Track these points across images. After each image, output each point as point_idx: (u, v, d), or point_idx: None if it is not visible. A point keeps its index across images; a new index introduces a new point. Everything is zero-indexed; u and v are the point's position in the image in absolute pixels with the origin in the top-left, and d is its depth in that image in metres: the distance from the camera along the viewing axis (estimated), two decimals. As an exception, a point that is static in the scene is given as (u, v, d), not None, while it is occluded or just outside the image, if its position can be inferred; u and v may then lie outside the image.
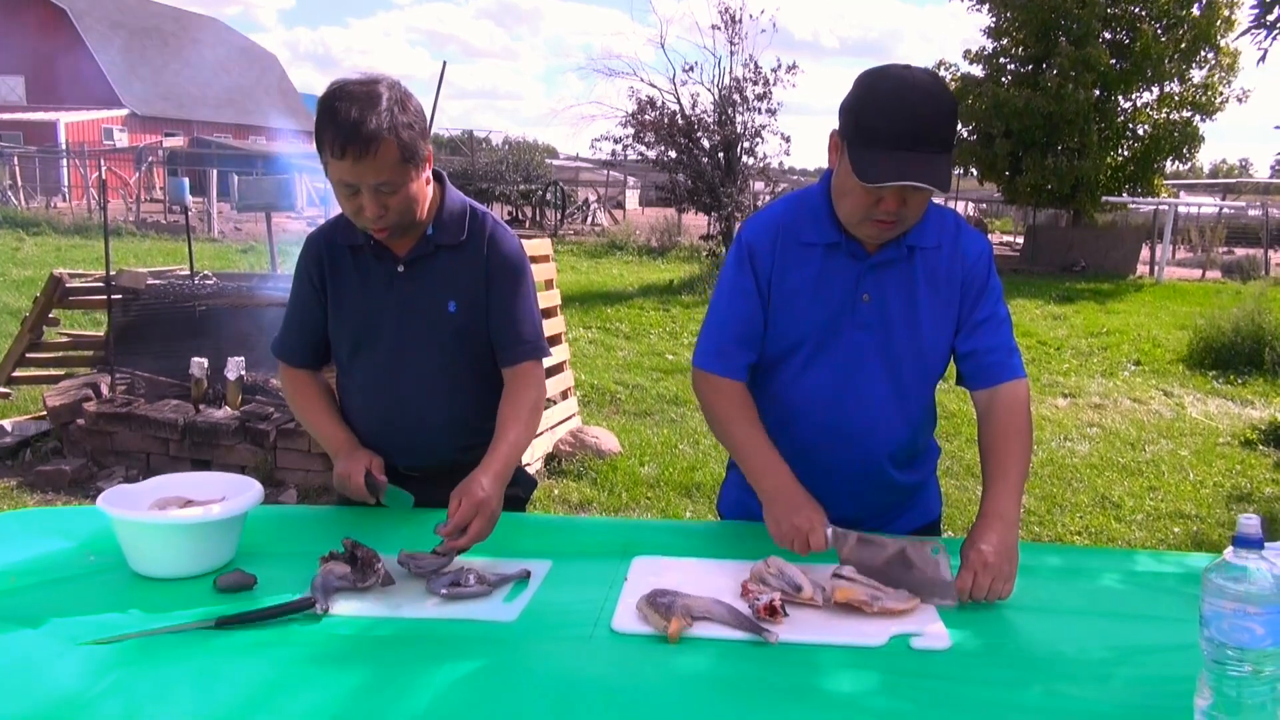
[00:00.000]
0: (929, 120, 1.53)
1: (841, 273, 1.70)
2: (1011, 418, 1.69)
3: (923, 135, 1.52)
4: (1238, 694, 1.09)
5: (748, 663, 1.30)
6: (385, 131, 1.61)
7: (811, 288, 1.71)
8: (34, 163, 23.28)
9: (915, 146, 1.52)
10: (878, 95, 1.56)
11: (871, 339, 1.71)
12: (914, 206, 1.60)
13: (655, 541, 1.74)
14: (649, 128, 14.23)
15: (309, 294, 1.88)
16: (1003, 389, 1.72)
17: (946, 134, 1.56)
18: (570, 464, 5.10)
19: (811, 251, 1.71)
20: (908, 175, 1.52)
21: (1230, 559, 1.11)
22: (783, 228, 1.73)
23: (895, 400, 1.74)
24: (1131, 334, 10.33)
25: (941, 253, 1.72)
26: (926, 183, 1.52)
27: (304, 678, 1.24)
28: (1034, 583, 1.61)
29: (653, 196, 26.90)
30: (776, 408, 1.77)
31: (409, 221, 1.75)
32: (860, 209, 1.60)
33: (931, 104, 1.54)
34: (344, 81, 1.66)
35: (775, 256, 1.72)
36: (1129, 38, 17.72)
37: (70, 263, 11.73)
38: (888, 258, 1.69)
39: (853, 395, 1.73)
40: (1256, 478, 5.51)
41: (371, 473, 1.77)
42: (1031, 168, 17.83)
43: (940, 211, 1.76)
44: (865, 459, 1.76)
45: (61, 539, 1.68)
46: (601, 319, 9.90)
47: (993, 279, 1.76)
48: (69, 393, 5.04)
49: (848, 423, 1.73)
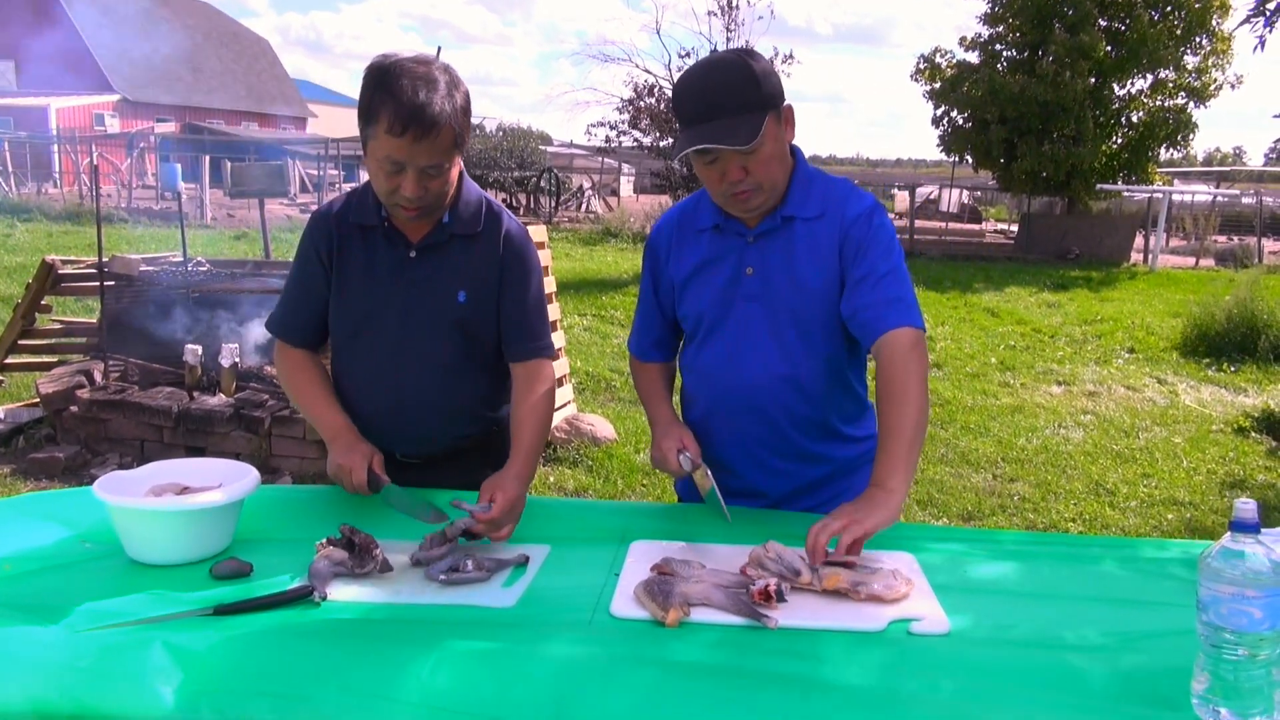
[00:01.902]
0: (717, 90, 1.62)
1: (727, 250, 1.79)
2: (893, 372, 1.61)
3: (715, 104, 1.61)
4: (1234, 678, 1.10)
5: (746, 647, 1.30)
6: (447, 116, 1.63)
7: (703, 269, 1.81)
8: (24, 148, 23.10)
9: (706, 116, 1.61)
10: (681, 84, 1.69)
11: (758, 310, 1.77)
12: (759, 169, 1.66)
13: (653, 527, 1.74)
14: (645, 114, 14.20)
15: (315, 271, 1.85)
16: (883, 342, 1.64)
17: (734, 98, 1.63)
18: (566, 451, 5.11)
19: (701, 236, 1.81)
20: (699, 141, 1.61)
21: (1228, 544, 1.11)
22: (677, 221, 1.86)
23: (786, 367, 1.77)
24: (1125, 322, 10.35)
25: (823, 220, 1.75)
26: (718, 143, 1.60)
27: (303, 664, 1.24)
28: (1034, 569, 1.62)
29: (647, 184, 26.82)
30: (687, 383, 1.91)
31: (439, 205, 1.76)
32: (714, 186, 1.70)
33: (720, 74, 1.65)
34: (398, 58, 1.66)
35: (671, 247, 1.85)
36: (1125, 24, 17.68)
37: (62, 249, 11.67)
38: (766, 228, 1.76)
39: (742, 364, 1.79)
40: (1249, 465, 5.54)
41: (374, 470, 1.74)
42: (1026, 155, 17.81)
43: (829, 182, 1.79)
44: (765, 427, 1.81)
45: (57, 525, 1.68)
46: (596, 306, 9.88)
47: (874, 236, 1.71)
48: (62, 380, 5.02)
49: (740, 391, 1.80)
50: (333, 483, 1.83)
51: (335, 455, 1.76)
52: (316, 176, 21.10)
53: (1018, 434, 5.99)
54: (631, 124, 14.48)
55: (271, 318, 1.94)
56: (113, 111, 31.81)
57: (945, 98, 19.28)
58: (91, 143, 23.20)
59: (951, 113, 19.44)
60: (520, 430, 1.78)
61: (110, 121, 31.22)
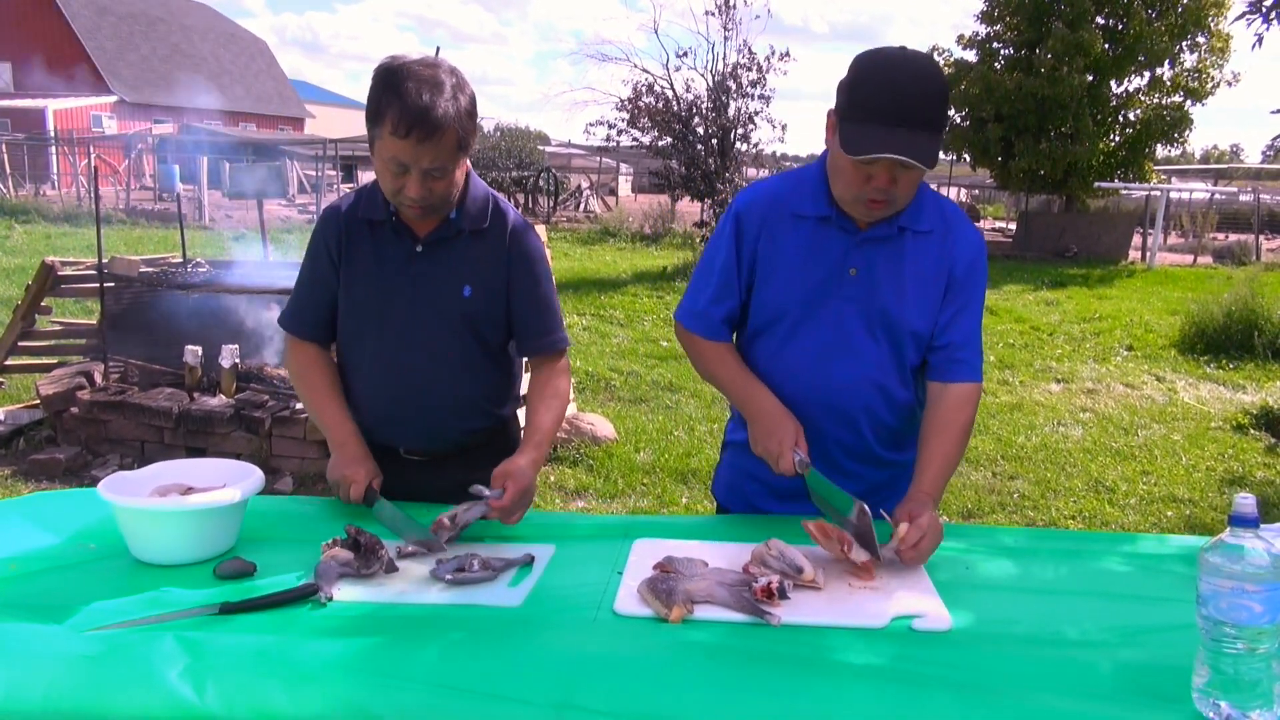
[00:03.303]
0: (916, 98, 1.56)
1: (831, 245, 1.73)
2: (960, 414, 1.73)
3: (910, 112, 1.55)
4: (1234, 671, 1.11)
5: (750, 644, 1.31)
6: (452, 119, 1.64)
7: (800, 258, 1.74)
8: (22, 150, 23.07)
9: (902, 123, 1.54)
10: (870, 72, 1.59)
11: (856, 311, 1.73)
12: (905, 185, 1.62)
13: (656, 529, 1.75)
14: (645, 113, 14.20)
15: (325, 266, 1.87)
16: (959, 386, 1.75)
17: (935, 114, 1.59)
18: (566, 451, 5.11)
19: (802, 223, 1.74)
20: (891, 148, 1.54)
21: (1227, 538, 1.12)
22: (776, 199, 1.77)
23: (878, 374, 1.76)
24: (1124, 319, 10.37)
25: (933, 238, 1.73)
26: (910, 157, 1.54)
27: (309, 664, 1.24)
28: (1034, 565, 1.63)
29: (646, 183, 26.82)
30: (762, 376, 1.80)
31: (445, 204, 1.77)
32: (853, 186, 1.63)
33: (921, 84, 1.57)
34: (406, 60, 1.67)
35: (764, 226, 1.75)
36: (1122, 22, 17.70)
37: (61, 251, 11.66)
38: (878, 234, 1.72)
39: (836, 365, 1.75)
40: (1248, 461, 5.55)
41: (372, 488, 1.74)
42: (1024, 153, 17.82)
43: (940, 200, 1.78)
44: (849, 431, 1.79)
45: (61, 526, 1.68)
46: (596, 306, 9.89)
47: (980, 276, 1.77)
48: (62, 381, 5.02)
49: (831, 393, 1.76)
50: (331, 488, 1.82)
51: (339, 464, 1.77)
52: (314, 177, 21.10)
53: (1017, 432, 6.00)
54: (630, 123, 14.47)
55: (283, 313, 1.95)
56: (110, 113, 31.77)
57: (942, 96, 19.28)
58: (89, 144, 23.18)
59: (948, 111, 19.47)
60: (534, 417, 1.80)
61: (108, 123, 31.18)
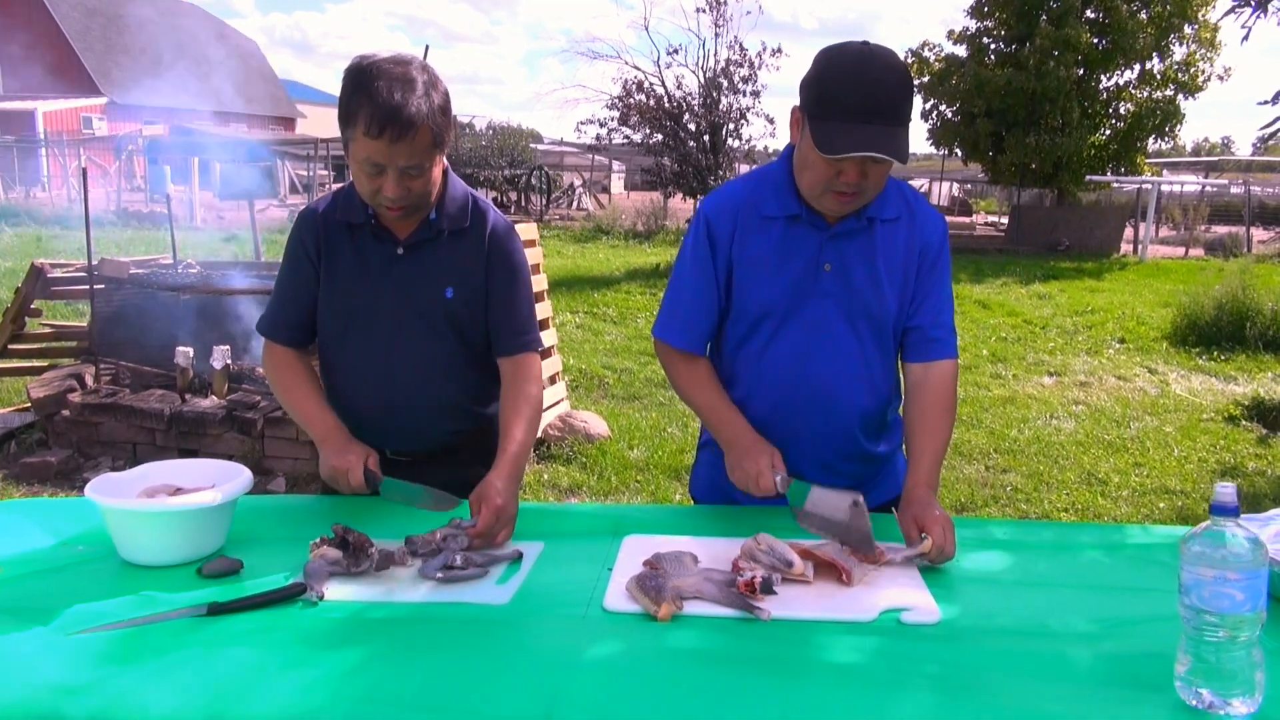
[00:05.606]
0: (887, 93, 1.57)
1: (803, 243, 1.74)
2: (942, 395, 1.78)
3: (881, 107, 1.55)
4: (1216, 659, 1.12)
5: (739, 639, 1.31)
6: (424, 116, 1.63)
7: (774, 259, 1.74)
8: (11, 152, 22.97)
9: (873, 119, 1.55)
10: (837, 69, 1.59)
11: (835, 306, 1.75)
12: (874, 178, 1.63)
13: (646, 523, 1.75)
14: (636, 110, 14.21)
15: (304, 269, 1.85)
16: (938, 365, 1.79)
17: (903, 107, 1.59)
18: (559, 448, 5.11)
19: (772, 224, 1.74)
20: (866, 146, 1.55)
21: (1209, 527, 1.13)
22: (744, 202, 1.77)
23: (861, 367, 1.78)
24: (1116, 312, 10.40)
25: (900, 224, 1.76)
26: (885, 154, 1.55)
27: (298, 663, 1.24)
28: (1022, 557, 1.63)
29: (638, 181, 26.81)
30: (747, 377, 1.81)
31: (424, 204, 1.76)
32: (821, 181, 1.64)
33: (889, 77, 1.58)
34: (375, 58, 1.65)
35: (735, 229, 1.75)
36: (1109, 16, 17.74)
37: (51, 253, 11.61)
38: (848, 228, 1.73)
39: (820, 361, 1.76)
40: (1240, 452, 5.57)
41: (370, 468, 1.72)
42: (1013, 146, 17.87)
43: (899, 185, 1.80)
44: (835, 426, 1.80)
45: (50, 530, 1.68)
46: (588, 303, 9.88)
47: (946, 256, 1.81)
48: (53, 384, 5.00)
49: (816, 389, 1.77)
50: (325, 487, 1.81)
51: (328, 457, 1.74)
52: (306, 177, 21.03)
53: (1010, 425, 6.02)
54: (622, 120, 14.48)
55: (261, 319, 1.93)
56: (100, 114, 31.63)
57: (934, 91, 19.34)
58: (80, 146, 23.08)
59: (940, 106, 19.51)
60: (508, 430, 1.77)
61: (98, 124, 31.05)
